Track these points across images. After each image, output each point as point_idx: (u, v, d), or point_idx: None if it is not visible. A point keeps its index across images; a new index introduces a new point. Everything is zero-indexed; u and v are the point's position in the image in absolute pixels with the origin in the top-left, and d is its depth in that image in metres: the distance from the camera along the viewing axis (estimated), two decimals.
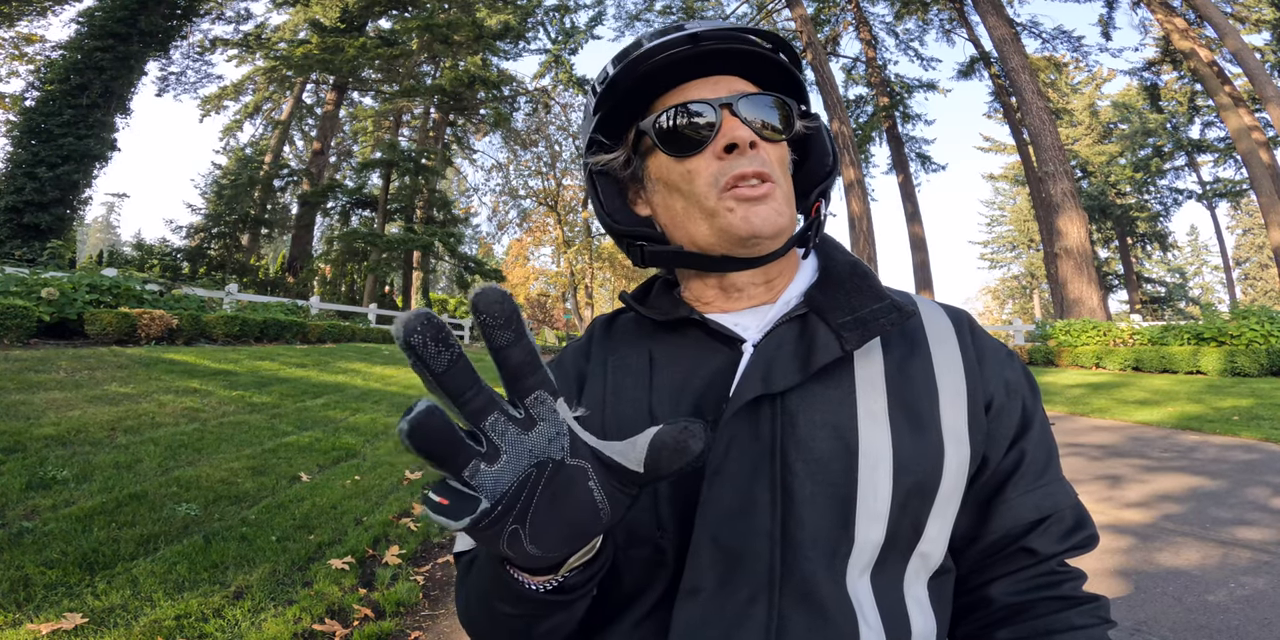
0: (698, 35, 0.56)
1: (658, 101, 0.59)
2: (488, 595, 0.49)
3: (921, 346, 0.58)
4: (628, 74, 0.57)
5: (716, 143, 0.56)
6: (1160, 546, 2.78)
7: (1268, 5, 19.50)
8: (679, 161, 0.57)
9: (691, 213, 0.58)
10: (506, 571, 0.45)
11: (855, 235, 17.72)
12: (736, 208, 0.55)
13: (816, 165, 0.62)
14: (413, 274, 24.62)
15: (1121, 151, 32.38)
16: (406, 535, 3.10)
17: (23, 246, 12.80)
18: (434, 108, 24.51)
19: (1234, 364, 8.47)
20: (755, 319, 0.60)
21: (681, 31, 0.56)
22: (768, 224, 0.55)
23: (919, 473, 0.52)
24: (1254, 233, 41.22)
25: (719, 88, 0.58)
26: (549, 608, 0.46)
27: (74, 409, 3.99)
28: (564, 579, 0.45)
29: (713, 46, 0.56)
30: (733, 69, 0.59)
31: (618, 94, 0.59)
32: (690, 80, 0.59)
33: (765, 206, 0.55)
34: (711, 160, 0.56)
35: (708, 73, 0.59)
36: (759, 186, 0.55)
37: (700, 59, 0.57)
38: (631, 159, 0.62)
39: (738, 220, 0.55)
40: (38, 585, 2.12)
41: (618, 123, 0.62)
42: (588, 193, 0.65)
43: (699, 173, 0.56)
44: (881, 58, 24.36)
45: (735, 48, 0.56)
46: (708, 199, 0.56)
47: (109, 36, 14.60)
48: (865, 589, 0.51)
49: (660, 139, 0.57)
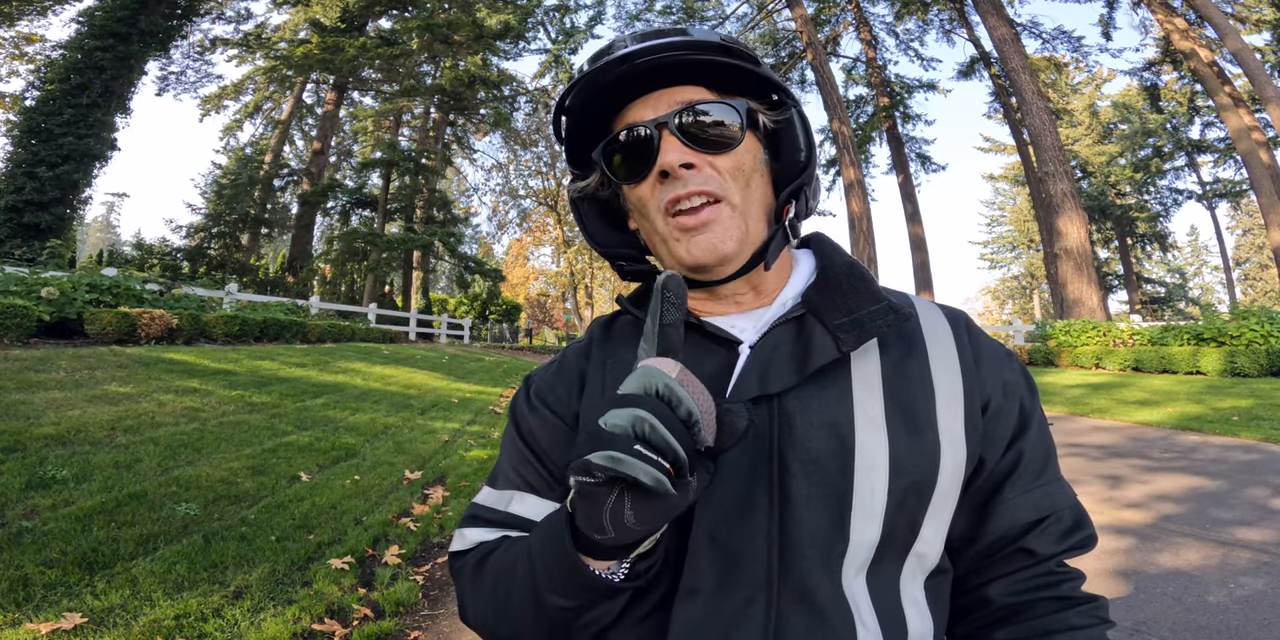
0: (630, 54, 0.54)
1: (614, 122, 0.59)
2: (535, 587, 0.49)
3: (919, 347, 0.58)
4: (576, 102, 0.57)
5: (653, 170, 0.56)
6: (1160, 547, 2.78)
7: (1268, 5, 19.50)
8: (632, 188, 0.58)
9: (653, 235, 0.59)
10: (578, 557, 0.45)
11: (855, 235, 17.72)
12: (681, 238, 0.55)
13: (788, 161, 0.61)
14: (413, 274, 24.63)
15: (1121, 152, 32.38)
16: (406, 535, 3.10)
17: (22, 246, 12.80)
18: (434, 108, 24.51)
19: (1234, 364, 8.47)
20: (752, 321, 0.60)
21: (612, 54, 0.55)
22: (709, 254, 0.54)
23: (915, 473, 0.52)
24: (1254, 233, 41.21)
25: (660, 105, 0.57)
26: (610, 595, 0.47)
27: (74, 408, 3.99)
28: (630, 565, 0.46)
29: (649, 63, 0.54)
30: (684, 79, 0.58)
31: (571, 123, 0.59)
32: (636, 98, 0.58)
33: (704, 236, 0.54)
34: (655, 185, 0.56)
35: (653, 88, 0.57)
36: (698, 213, 0.54)
37: (641, 77, 0.56)
38: (608, 180, 0.62)
39: (682, 251, 0.55)
40: (37, 585, 2.12)
41: (583, 149, 0.62)
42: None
43: (647, 200, 0.57)
44: (882, 58, 24.37)
45: (673, 59, 0.55)
46: (659, 224, 0.57)
47: (109, 36, 14.60)
48: (861, 589, 0.51)
49: (610, 168, 0.58)
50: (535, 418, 0.63)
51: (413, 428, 5.38)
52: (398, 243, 20.51)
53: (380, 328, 13.41)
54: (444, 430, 5.50)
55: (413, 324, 17.83)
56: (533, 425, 0.62)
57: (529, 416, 0.63)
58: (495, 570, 0.54)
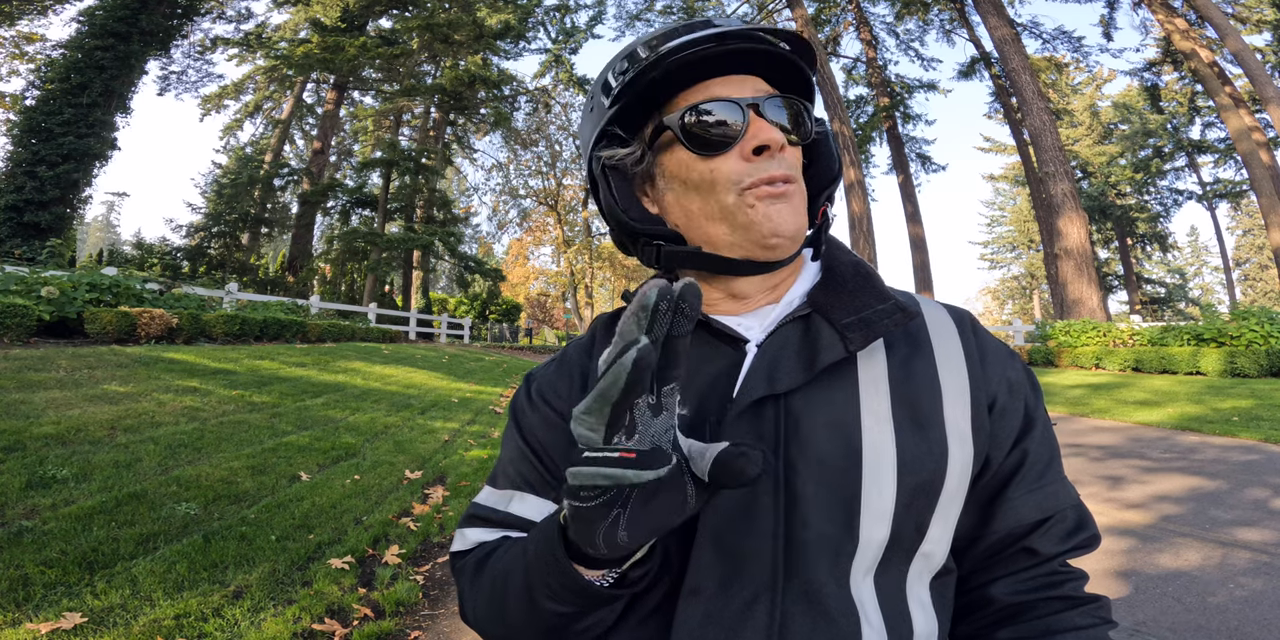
0: (725, 34, 0.55)
1: (678, 97, 0.58)
2: (531, 592, 0.49)
3: (924, 346, 0.58)
4: (651, 68, 0.56)
5: (745, 144, 0.55)
6: (1160, 547, 2.78)
7: (1269, 6, 19.50)
8: (703, 160, 0.56)
9: (710, 212, 0.57)
10: (571, 567, 0.45)
11: (855, 236, 17.72)
12: (758, 205, 0.54)
13: (823, 169, 0.62)
14: (413, 273, 24.63)
15: (1122, 152, 32.39)
16: (406, 535, 3.10)
17: (22, 245, 12.78)
18: (434, 107, 24.50)
19: (1234, 365, 8.47)
20: (759, 320, 0.60)
21: (708, 30, 0.55)
22: (788, 223, 0.54)
23: (923, 473, 0.52)
24: (1254, 234, 41.21)
25: (743, 87, 0.57)
26: (606, 602, 0.47)
27: (73, 408, 3.99)
28: (624, 573, 0.47)
29: (737, 45, 0.55)
30: (752, 69, 0.58)
31: (638, 88, 0.57)
32: (710, 78, 0.58)
33: (786, 205, 0.55)
34: (737, 161, 0.55)
35: (728, 71, 0.58)
36: (781, 186, 0.54)
37: (722, 58, 0.56)
38: (645, 155, 0.61)
39: (760, 217, 0.54)
40: (37, 584, 2.12)
41: (633, 117, 0.60)
42: (595, 188, 0.64)
43: (722, 172, 0.55)
44: (882, 58, 24.36)
45: (758, 48, 0.56)
46: (727, 198, 0.55)
47: (110, 35, 14.58)
48: (869, 590, 0.51)
49: (686, 136, 0.56)
50: (536, 416, 0.62)
51: (413, 427, 5.37)
52: (398, 242, 20.51)
53: (380, 327, 13.40)
54: (444, 430, 5.50)
55: (413, 324, 17.83)
56: (533, 423, 0.62)
57: (530, 414, 0.63)
58: (493, 572, 0.54)
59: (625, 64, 0.58)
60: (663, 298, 0.37)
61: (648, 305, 0.36)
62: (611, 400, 0.37)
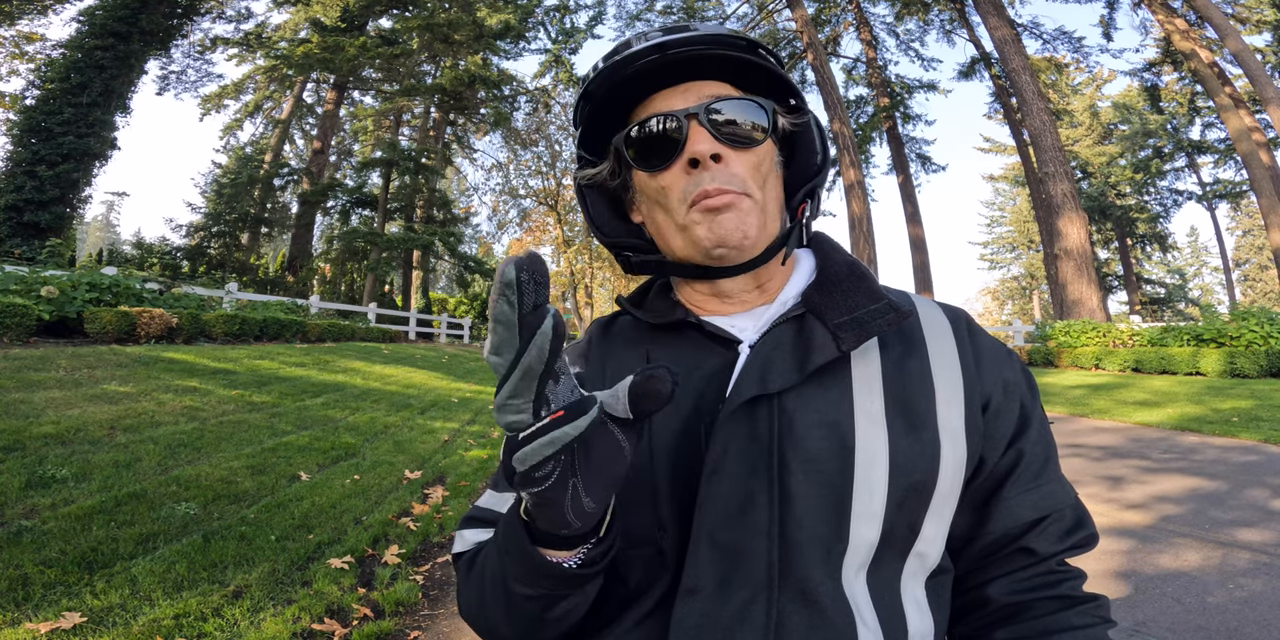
0: (664, 44, 0.55)
1: (633, 113, 0.59)
2: (505, 580, 0.50)
3: (919, 346, 0.58)
4: (599, 87, 0.57)
5: (681, 157, 0.56)
6: (1160, 548, 2.78)
7: (1269, 6, 19.51)
8: (653, 177, 0.57)
9: (669, 225, 0.58)
10: (536, 550, 0.46)
11: (855, 236, 17.72)
12: (701, 220, 0.55)
13: (804, 163, 0.62)
14: (413, 273, 24.63)
15: (1122, 152, 32.39)
16: (406, 535, 3.10)
17: (22, 245, 12.77)
18: (434, 107, 24.50)
19: (1234, 365, 8.47)
20: (752, 320, 0.60)
21: (648, 42, 0.56)
22: (731, 235, 0.54)
23: (915, 473, 0.52)
24: (1254, 234, 41.22)
25: (689, 96, 0.57)
26: (572, 583, 0.48)
27: (73, 408, 3.99)
28: (586, 552, 0.47)
29: (681, 54, 0.55)
30: (709, 73, 0.58)
31: (592, 108, 0.59)
32: (663, 88, 0.58)
33: (727, 216, 0.54)
34: (680, 174, 0.56)
35: (680, 80, 0.58)
36: (722, 196, 0.54)
37: (670, 67, 0.56)
38: (618, 170, 0.62)
39: (703, 232, 0.55)
40: (36, 584, 2.12)
41: (598, 136, 0.62)
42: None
43: (671, 188, 0.56)
44: (882, 58, 24.37)
45: (705, 53, 0.56)
46: (678, 214, 0.56)
47: (109, 35, 14.58)
48: (862, 588, 0.51)
49: (632, 155, 0.57)
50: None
51: (412, 427, 5.38)
52: (398, 242, 20.51)
53: (380, 327, 13.40)
54: (444, 430, 5.50)
55: (412, 323, 17.83)
56: None
57: None
58: (480, 565, 0.55)
59: (582, 84, 0.59)
60: (521, 269, 0.37)
61: (511, 281, 0.36)
62: (536, 374, 0.37)
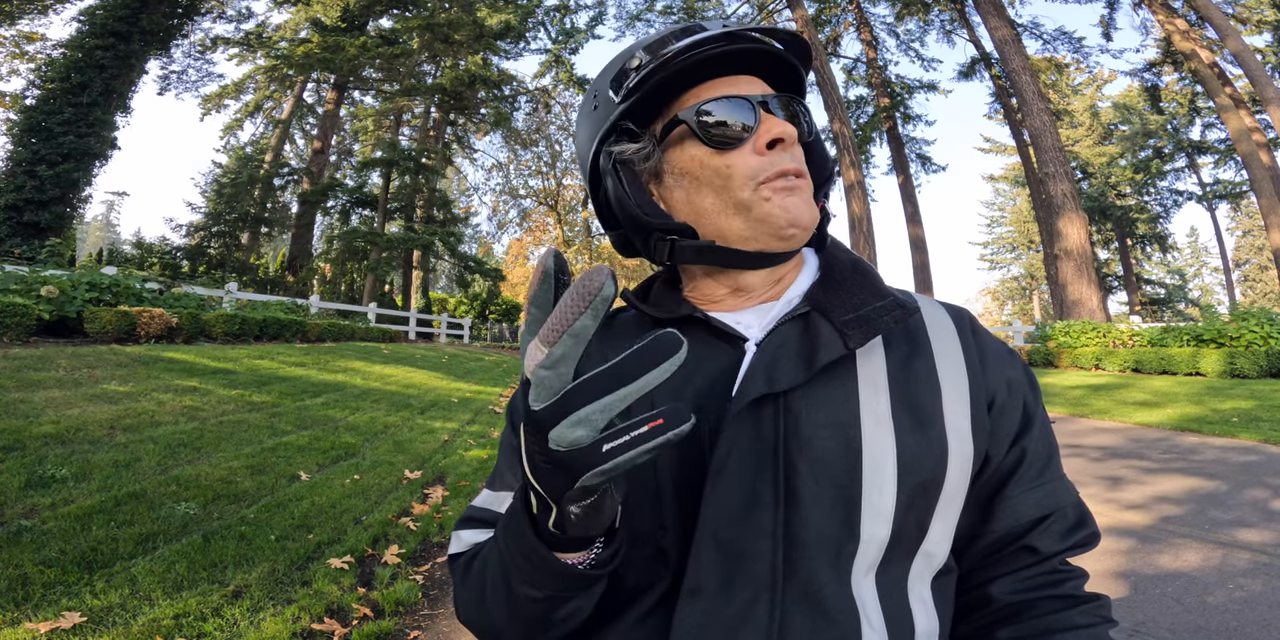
0: (733, 34, 0.57)
1: (687, 95, 0.60)
2: (509, 581, 0.49)
3: (923, 345, 0.58)
4: (664, 66, 0.58)
5: (759, 138, 0.57)
6: (1160, 548, 2.78)
7: (1269, 6, 19.52)
8: (718, 155, 0.57)
9: (724, 207, 0.58)
10: (547, 552, 0.45)
11: (855, 236, 17.72)
12: (774, 197, 0.56)
13: (818, 167, 0.64)
14: (412, 273, 24.64)
15: (1122, 153, 32.40)
16: (406, 534, 3.10)
17: (22, 244, 12.77)
18: (434, 107, 24.51)
19: (1233, 366, 8.48)
20: (758, 317, 0.60)
21: (716, 29, 0.57)
22: (804, 214, 0.56)
23: (923, 471, 0.52)
24: (1254, 234, 41.24)
25: (753, 86, 0.59)
26: (582, 584, 0.47)
27: (73, 407, 3.99)
28: (598, 552, 0.47)
29: (745, 45, 0.57)
30: (753, 69, 0.60)
31: (650, 84, 0.58)
32: (716, 77, 0.60)
33: (799, 198, 0.56)
34: (750, 155, 0.57)
35: (732, 72, 0.60)
36: (794, 180, 0.56)
37: (728, 57, 0.58)
38: (653, 151, 0.62)
39: (777, 209, 0.56)
40: (36, 584, 2.12)
41: (642, 114, 0.62)
42: (596, 187, 0.65)
43: (737, 167, 0.57)
44: (882, 58, 24.38)
45: (763, 48, 0.58)
46: (742, 191, 0.56)
47: (110, 35, 14.57)
48: (869, 589, 0.51)
49: (701, 131, 0.58)
50: None
51: (412, 427, 5.37)
52: (398, 242, 20.52)
53: (380, 327, 13.40)
54: (444, 430, 5.50)
55: (412, 323, 17.83)
56: None
57: None
58: (478, 566, 0.55)
59: (637, 60, 0.59)
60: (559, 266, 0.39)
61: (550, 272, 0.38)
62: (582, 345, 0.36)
